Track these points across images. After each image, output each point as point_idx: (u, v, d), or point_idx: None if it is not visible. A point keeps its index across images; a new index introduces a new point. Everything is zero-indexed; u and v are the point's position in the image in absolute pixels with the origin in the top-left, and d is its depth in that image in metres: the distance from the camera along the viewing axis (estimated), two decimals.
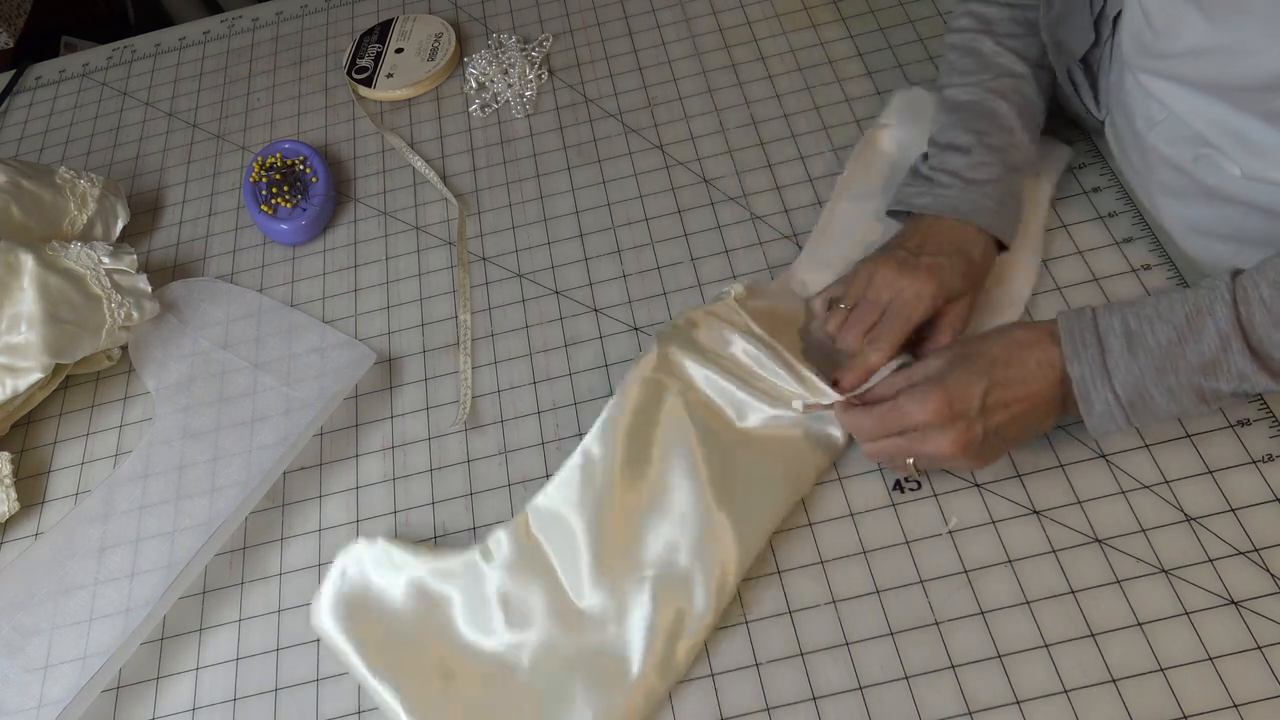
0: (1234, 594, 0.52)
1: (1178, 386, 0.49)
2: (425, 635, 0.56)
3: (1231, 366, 0.48)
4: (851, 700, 0.53)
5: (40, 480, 0.70)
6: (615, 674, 0.54)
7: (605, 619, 0.55)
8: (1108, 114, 0.67)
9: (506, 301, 0.73)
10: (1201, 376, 0.49)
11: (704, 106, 0.82)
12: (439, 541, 0.62)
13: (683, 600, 0.55)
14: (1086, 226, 0.68)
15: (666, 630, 0.54)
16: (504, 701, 0.54)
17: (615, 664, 0.54)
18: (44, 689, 0.59)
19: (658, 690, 0.54)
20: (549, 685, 0.54)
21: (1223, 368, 0.48)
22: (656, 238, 0.74)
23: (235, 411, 0.69)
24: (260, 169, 0.81)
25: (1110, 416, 0.51)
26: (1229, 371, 0.48)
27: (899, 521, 0.58)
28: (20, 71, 1.02)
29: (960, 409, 0.52)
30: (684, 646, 0.54)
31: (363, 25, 0.97)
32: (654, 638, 0.54)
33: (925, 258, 0.60)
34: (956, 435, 0.52)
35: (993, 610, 0.54)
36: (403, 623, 0.57)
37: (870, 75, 0.81)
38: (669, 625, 0.54)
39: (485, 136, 0.84)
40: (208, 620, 0.62)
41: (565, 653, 0.55)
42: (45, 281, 0.69)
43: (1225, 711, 0.49)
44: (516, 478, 0.64)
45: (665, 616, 0.54)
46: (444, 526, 0.63)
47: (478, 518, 0.63)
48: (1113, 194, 0.69)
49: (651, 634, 0.54)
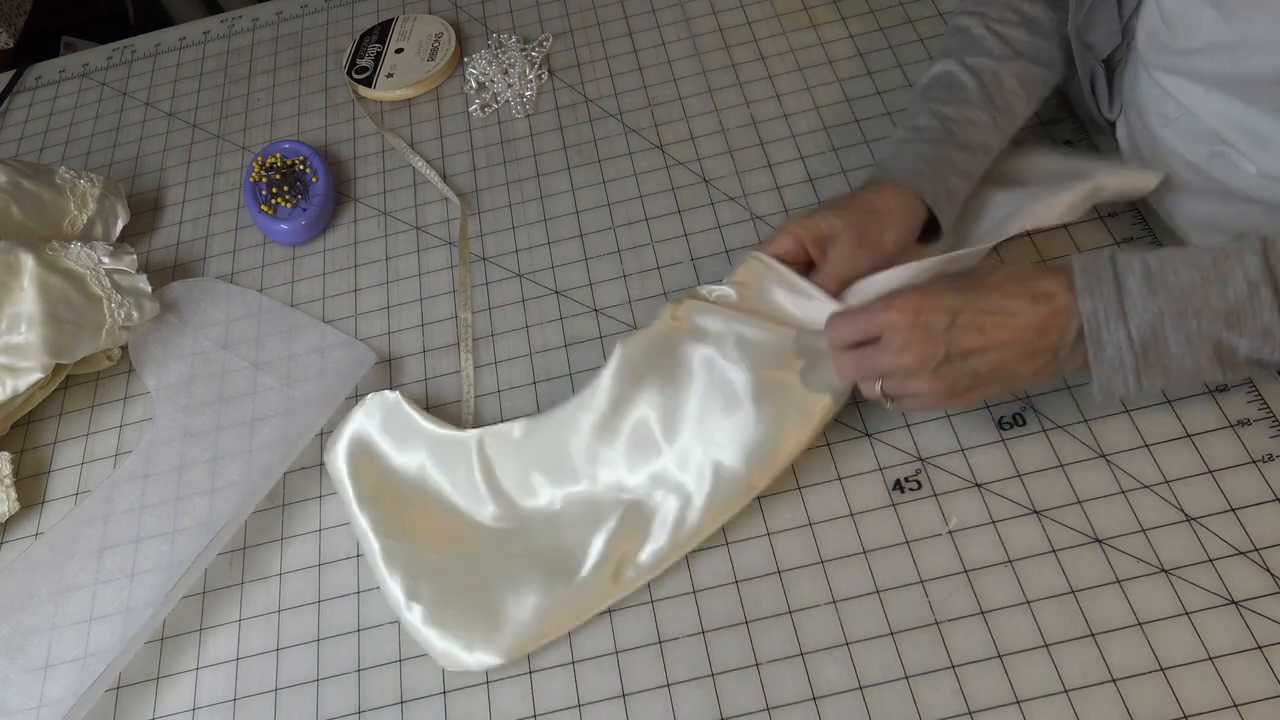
0: (1234, 594, 0.52)
1: (1197, 335, 0.47)
2: (413, 494, 0.62)
3: (1257, 318, 0.46)
4: (851, 700, 0.53)
5: (40, 480, 0.70)
6: (567, 570, 0.58)
7: (575, 524, 0.59)
8: (1122, 119, 0.66)
9: (506, 301, 0.73)
10: (1224, 326, 0.46)
11: (704, 106, 0.82)
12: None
13: (644, 528, 0.58)
14: (1086, 226, 0.68)
15: (623, 548, 0.58)
16: (466, 568, 0.59)
17: (570, 561, 0.58)
18: (44, 689, 0.59)
19: (598, 595, 0.57)
20: (507, 564, 0.59)
21: (1247, 318, 0.46)
22: (656, 238, 0.74)
23: (235, 411, 0.69)
24: (260, 169, 0.81)
25: (1120, 365, 0.48)
26: (1252, 323, 0.46)
27: (899, 521, 0.58)
28: (20, 71, 1.02)
29: (927, 319, 0.50)
30: (634, 567, 0.57)
31: (363, 25, 0.97)
32: (611, 551, 0.58)
33: (826, 216, 0.60)
34: (918, 347, 0.50)
35: (993, 610, 0.54)
36: (397, 477, 0.63)
37: (870, 75, 0.81)
38: (626, 545, 0.58)
39: (485, 136, 0.84)
40: (208, 620, 0.62)
41: (531, 543, 0.59)
42: (45, 281, 0.69)
43: (1225, 711, 0.49)
44: None
45: (625, 536, 0.58)
46: None
47: None
48: None
49: (609, 547, 0.58)
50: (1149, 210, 0.67)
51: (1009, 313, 0.50)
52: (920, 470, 0.60)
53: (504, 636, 0.56)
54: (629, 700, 0.55)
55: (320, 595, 0.62)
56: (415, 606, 0.58)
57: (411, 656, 0.58)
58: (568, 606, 0.57)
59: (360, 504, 0.62)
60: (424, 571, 0.59)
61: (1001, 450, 0.59)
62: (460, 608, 0.57)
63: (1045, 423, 0.60)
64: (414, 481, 0.63)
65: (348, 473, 0.63)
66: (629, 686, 0.55)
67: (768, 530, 0.59)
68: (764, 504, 0.60)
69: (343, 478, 0.63)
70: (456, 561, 0.59)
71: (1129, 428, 0.59)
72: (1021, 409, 0.61)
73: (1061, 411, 0.60)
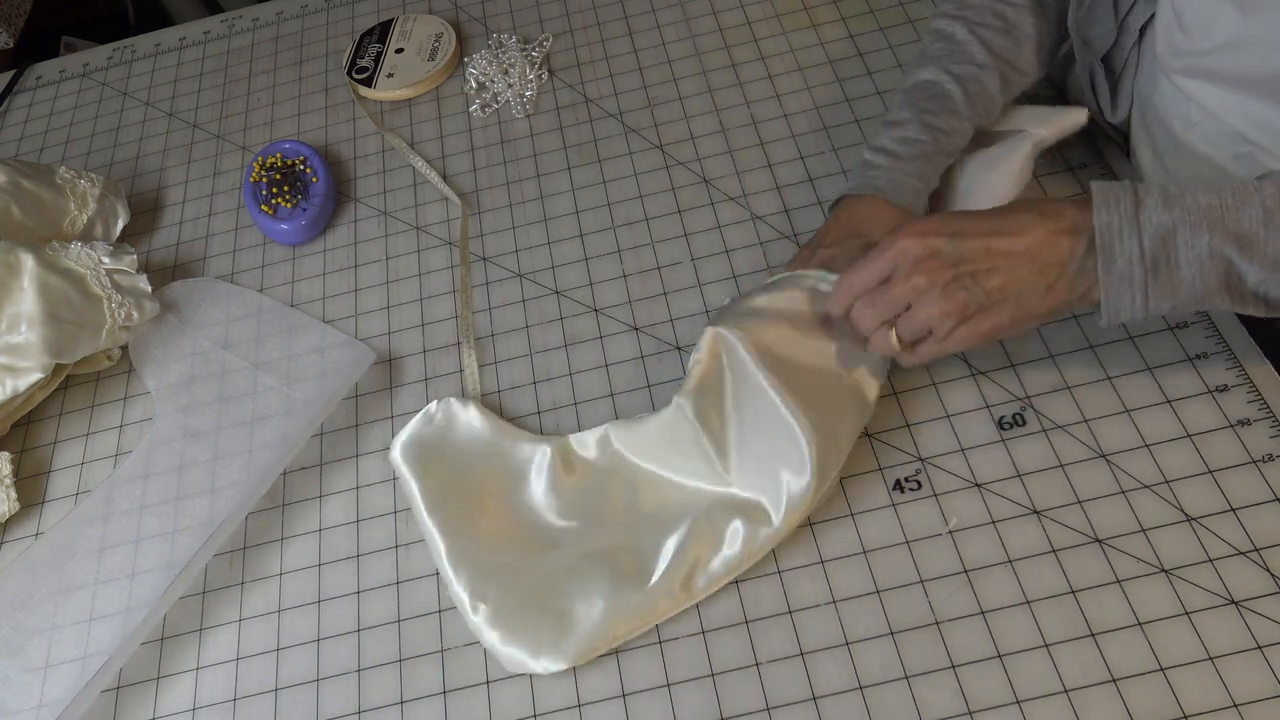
0: (1234, 594, 0.52)
1: (1207, 254, 0.46)
2: (483, 495, 0.62)
3: (1268, 245, 0.45)
4: (851, 700, 0.53)
5: (40, 480, 0.70)
6: (638, 574, 0.57)
7: (647, 528, 0.59)
8: (1139, 125, 0.66)
9: (506, 301, 0.73)
10: (1235, 249, 0.46)
11: (704, 106, 0.82)
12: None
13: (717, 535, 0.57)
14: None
15: (695, 554, 0.57)
16: (533, 570, 0.58)
17: (642, 565, 0.57)
18: (44, 689, 0.59)
19: (669, 602, 0.56)
20: (576, 566, 0.58)
21: (1258, 245, 0.46)
22: (656, 238, 0.74)
23: (235, 411, 0.69)
24: (260, 169, 0.81)
25: (1129, 280, 0.48)
26: (1263, 251, 0.46)
27: (899, 521, 0.58)
28: (20, 71, 1.02)
29: (933, 241, 0.51)
30: (705, 575, 0.57)
31: (363, 25, 0.97)
32: (683, 557, 0.56)
33: (821, 251, 0.61)
34: (926, 266, 0.50)
35: (993, 610, 0.54)
36: (467, 477, 0.62)
37: (870, 75, 0.81)
38: (699, 550, 0.57)
39: (485, 136, 0.84)
40: (208, 620, 0.62)
41: (599, 545, 0.58)
42: (45, 281, 0.69)
43: (1225, 711, 0.49)
44: None
45: (697, 542, 0.57)
46: None
47: None
48: None
49: (681, 552, 0.57)
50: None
51: (1017, 229, 0.50)
52: (920, 470, 0.60)
53: (571, 642, 0.55)
54: (629, 700, 0.55)
55: (320, 595, 0.62)
56: (481, 608, 0.57)
57: (411, 656, 0.58)
58: (637, 611, 0.56)
59: (427, 503, 0.61)
60: (490, 573, 0.58)
61: (1001, 450, 0.59)
62: (527, 611, 0.57)
63: (1045, 423, 0.60)
64: (485, 485, 0.62)
65: (416, 470, 0.63)
66: (629, 686, 0.55)
67: None
68: None
69: (408, 476, 0.63)
70: (524, 563, 0.58)
71: (1129, 428, 0.59)
72: (1021, 409, 0.61)
73: (1061, 411, 0.60)
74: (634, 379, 0.67)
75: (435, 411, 0.65)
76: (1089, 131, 0.71)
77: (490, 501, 0.62)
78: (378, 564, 0.62)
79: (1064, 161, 0.71)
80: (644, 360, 0.68)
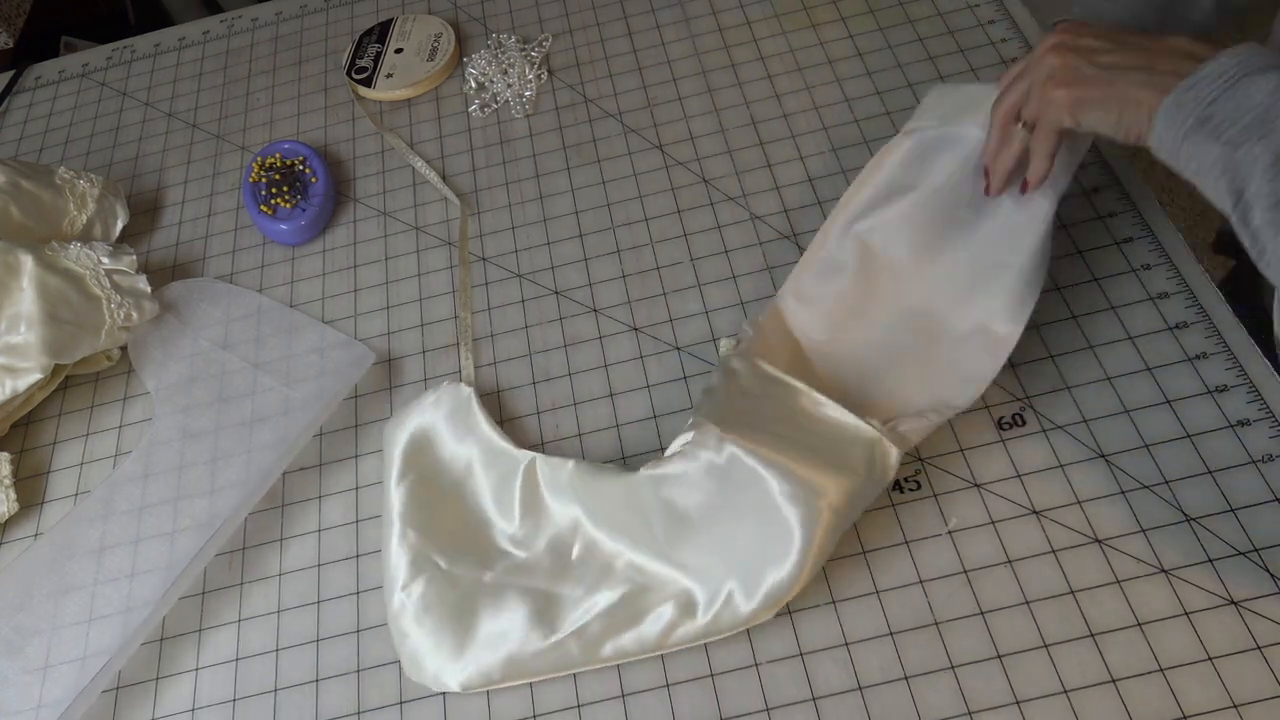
0: (1234, 594, 0.52)
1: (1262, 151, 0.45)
2: (450, 495, 0.62)
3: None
4: (851, 700, 0.53)
5: (40, 481, 0.70)
6: (548, 622, 0.56)
7: (580, 580, 0.57)
8: None
9: (506, 302, 0.73)
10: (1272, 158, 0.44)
11: (704, 106, 0.82)
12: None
13: (639, 616, 0.55)
14: (1086, 226, 0.68)
15: (611, 624, 0.55)
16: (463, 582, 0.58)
17: (555, 614, 0.56)
18: (43, 690, 0.59)
19: (568, 660, 0.55)
20: (500, 594, 0.58)
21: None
22: (656, 238, 0.74)
23: (235, 412, 0.69)
24: (260, 169, 0.81)
25: (1202, 89, 0.47)
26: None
27: (899, 521, 0.58)
28: (20, 71, 1.02)
29: (1071, 32, 0.53)
30: (613, 646, 0.55)
31: (362, 25, 0.97)
32: (598, 622, 0.55)
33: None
34: (1058, 46, 0.53)
35: (993, 610, 0.54)
36: (442, 472, 0.63)
37: (870, 75, 0.81)
38: (616, 623, 0.55)
39: (485, 137, 0.84)
40: (208, 620, 0.62)
41: (530, 582, 0.58)
42: (45, 282, 0.69)
43: (1225, 711, 0.49)
44: None
45: (618, 615, 0.55)
46: None
47: None
48: (1112, 195, 0.69)
49: (599, 617, 0.55)
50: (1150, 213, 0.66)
51: (1158, 37, 0.51)
52: (920, 470, 0.60)
53: (466, 667, 0.56)
54: (629, 700, 0.55)
55: (320, 595, 0.62)
56: (405, 600, 0.58)
57: None
58: (535, 661, 0.55)
59: (399, 483, 0.62)
60: (425, 570, 0.59)
61: (1001, 450, 0.59)
62: (441, 620, 0.57)
63: (1045, 423, 0.60)
64: (456, 481, 0.62)
65: (401, 452, 0.63)
66: (629, 687, 0.55)
67: None
68: None
69: (394, 455, 0.63)
70: (459, 574, 0.59)
71: (1129, 428, 0.59)
72: (1021, 409, 0.61)
73: (1061, 411, 0.60)
74: (634, 379, 0.67)
75: (436, 398, 0.65)
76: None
77: (453, 503, 0.62)
78: (377, 564, 0.62)
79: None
80: (643, 360, 0.68)
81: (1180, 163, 0.48)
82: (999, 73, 0.76)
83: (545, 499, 0.61)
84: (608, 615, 0.55)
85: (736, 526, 0.55)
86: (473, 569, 0.59)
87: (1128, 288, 0.64)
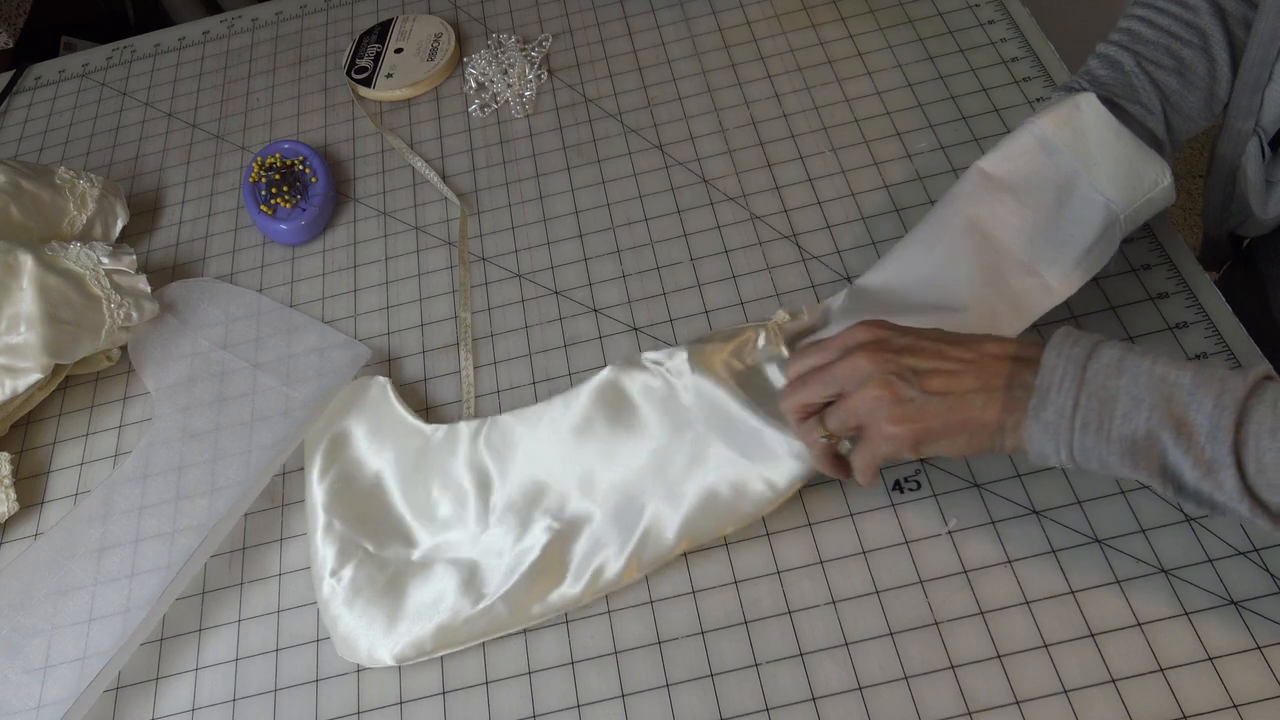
0: (1234, 594, 0.52)
1: (1144, 433, 0.43)
2: (370, 484, 0.64)
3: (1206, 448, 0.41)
4: (851, 700, 0.53)
5: (40, 481, 0.70)
6: (475, 589, 0.58)
7: (500, 545, 0.60)
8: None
9: (506, 302, 0.73)
10: (1174, 434, 0.42)
11: (704, 106, 0.82)
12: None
13: (560, 571, 0.58)
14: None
15: (536, 587, 0.58)
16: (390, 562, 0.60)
17: (481, 580, 0.59)
18: (43, 690, 0.59)
19: (499, 623, 0.57)
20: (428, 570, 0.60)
21: (1197, 439, 0.41)
22: (656, 238, 0.74)
23: (234, 412, 0.69)
24: (260, 169, 0.81)
25: (1054, 430, 0.44)
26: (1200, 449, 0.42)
27: (898, 521, 0.58)
28: (20, 71, 1.02)
29: (889, 335, 0.49)
30: (542, 604, 0.57)
31: (362, 25, 0.97)
32: (522, 584, 0.58)
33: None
34: (875, 351, 0.48)
35: (992, 610, 0.54)
36: (361, 463, 0.64)
37: (870, 75, 0.81)
38: (540, 585, 0.58)
39: (485, 136, 0.84)
40: (207, 621, 0.62)
41: (457, 554, 0.60)
42: (44, 282, 0.69)
43: (1225, 711, 0.49)
44: None
45: (539, 576, 0.58)
46: None
47: None
48: None
49: (521, 579, 0.58)
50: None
51: (974, 341, 0.48)
52: (920, 470, 0.60)
53: (398, 641, 0.57)
54: (628, 700, 0.55)
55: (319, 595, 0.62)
56: (335, 586, 0.59)
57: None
58: (467, 628, 0.57)
59: (321, 480, 0.64)
60: (353, 556, 0.60)
61: None
62: (371, 599, 0.59)
63: None
64: (375, 471, 0.64)
65: (322, 449, 0.65)
66: (628, 687, 0.55)
67: (767, 530, 0.59)
68: None
69: (315, 453, 0.65)
70: (387, 556, 0.60)
71: None
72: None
73: None
74: None
75: (351, 391, 0.67)
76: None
77: (376, 492, 0.63)
78: None
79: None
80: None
81: (1079, 466, 0.45)
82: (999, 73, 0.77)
83: (461, 468, 0.63)
84: (530, 574, 0.58)
85: (645, 463, 0.60)
86: (400, 549, 0.61)
87: (1128, 288, 0.64)
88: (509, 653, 0.58)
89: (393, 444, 0.65)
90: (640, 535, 0.58)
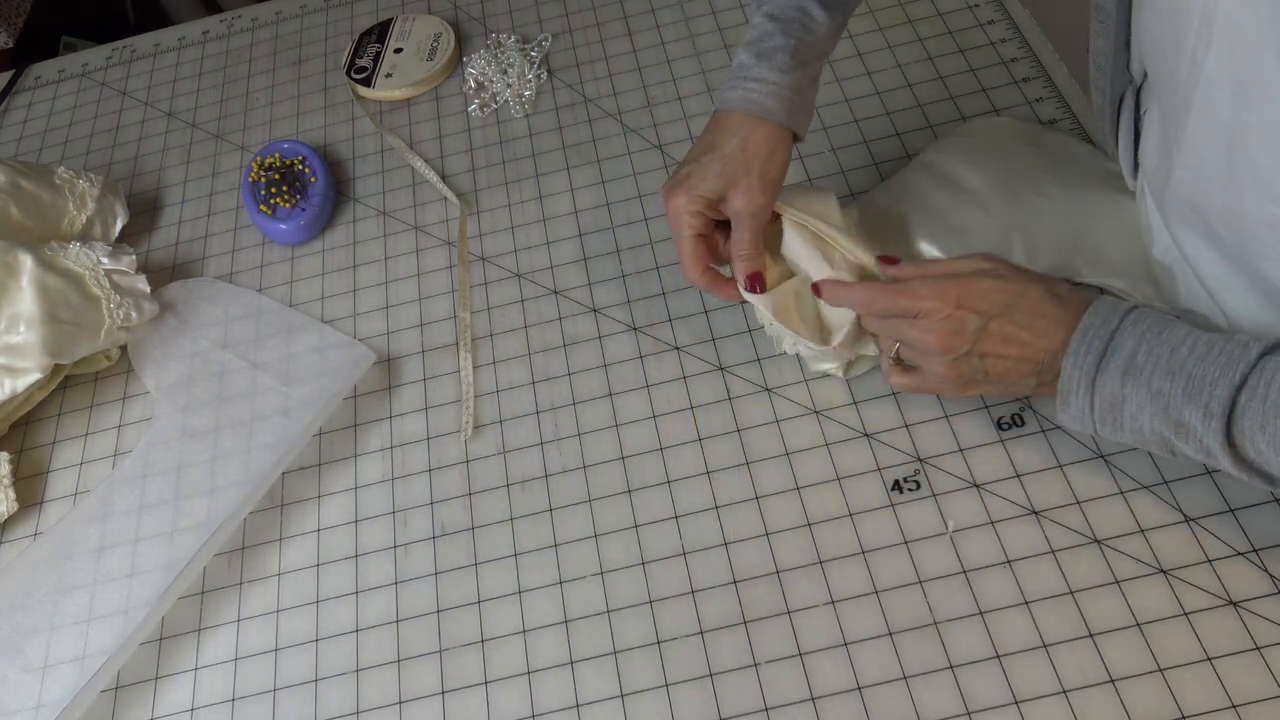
0: (1233, 594, 0.52)
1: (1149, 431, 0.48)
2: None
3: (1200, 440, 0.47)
4: (851, 700, 0.53)
5: (39, 480, 0.70)
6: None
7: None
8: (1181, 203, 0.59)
9: (505, 302, 0.73)
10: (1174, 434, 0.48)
11: (703, 106, 0.82)
12: (438, 540, 0.62)
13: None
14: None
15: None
16: None
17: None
18: (43, 689, 0.59)
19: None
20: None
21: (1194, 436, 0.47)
22: (655, 238, 0.74)
23: (234, 411, 0.69)
24: (259, 169, 0.81)
25: (1080, 421, 0.51)
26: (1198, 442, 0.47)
27: (898, 521, 0.58)
28: (20, 71, 1.02)
29: (964, 315, 0.52)
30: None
31: (362, 25, 0.97)
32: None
33: (683, 169, 0.61)
34: (947, 336, 0.52)
35: (992, 610, 0.54)
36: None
37: (870, 75, 0.81)
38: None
39: (484, 136, 0.84)
40: (207, 620, 0.62)
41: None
42: (44, 282, 0.69)
43: (1224, 712, 0.49)
44: (515, 478, 0.64)
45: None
46: (443, 527, 0.63)
47: (476, 518, 0.63)
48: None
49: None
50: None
51: (1033, 331, 0.51)
52: (919, 470, 0.60)
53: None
54: (628, 700, 0.55)
55: (319, 595, 0.62)
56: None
57: (410, 657, 0.58)
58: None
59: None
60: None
61: (1000, 450, 0.59)
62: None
63: (1044, 423, 0.60)
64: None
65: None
66: (628, 686, 0.55)
67: (766, 530, 0.59)
68: (762, 504, 0.60)
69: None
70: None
71: None
72: (1020, 409, 0.61)
73: None
74: (633, 379, 0.67)
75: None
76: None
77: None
78: (376, 564, 0.62)
79: None
80: (643, 360, 0.68)
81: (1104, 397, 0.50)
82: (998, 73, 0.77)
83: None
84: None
85: None
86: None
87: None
88: (509, 653, 0.58)
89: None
90: None
